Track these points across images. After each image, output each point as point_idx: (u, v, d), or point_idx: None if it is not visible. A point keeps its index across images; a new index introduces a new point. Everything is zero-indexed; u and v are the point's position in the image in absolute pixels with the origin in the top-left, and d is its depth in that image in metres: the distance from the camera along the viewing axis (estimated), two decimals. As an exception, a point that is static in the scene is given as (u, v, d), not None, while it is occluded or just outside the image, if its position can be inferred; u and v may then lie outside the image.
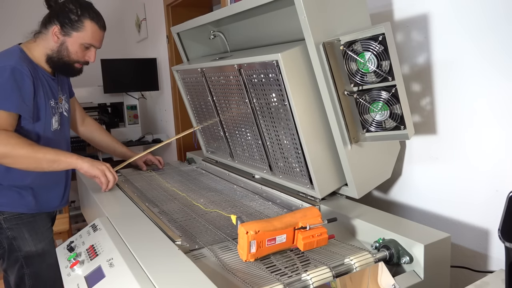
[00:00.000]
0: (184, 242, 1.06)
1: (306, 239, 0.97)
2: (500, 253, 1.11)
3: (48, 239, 1.56)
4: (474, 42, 1.10)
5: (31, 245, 1.51)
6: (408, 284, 0.93)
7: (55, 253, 1.36)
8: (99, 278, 0.94)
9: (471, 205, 1.17)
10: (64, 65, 1.49)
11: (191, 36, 1.81)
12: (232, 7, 1.35)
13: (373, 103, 1.11)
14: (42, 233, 1.53)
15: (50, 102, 1.48)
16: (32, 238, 1.51)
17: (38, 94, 1.42)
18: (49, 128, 1.48)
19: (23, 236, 1.49)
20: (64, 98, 1.60)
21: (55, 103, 1.51)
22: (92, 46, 1.49)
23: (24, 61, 1.40)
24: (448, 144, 1.21)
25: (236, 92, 1.44)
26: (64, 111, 1.59)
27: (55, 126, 1.51)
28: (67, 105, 1.62)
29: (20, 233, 1.49)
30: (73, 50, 1.46)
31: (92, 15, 1.45)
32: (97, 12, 1.49)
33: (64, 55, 1.46)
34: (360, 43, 1.06)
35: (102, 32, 1.50)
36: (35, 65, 1.45)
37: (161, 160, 1.96)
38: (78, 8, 1.44)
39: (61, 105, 1.57)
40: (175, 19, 3.02)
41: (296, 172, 1.33)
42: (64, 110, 1.59)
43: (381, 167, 1.30)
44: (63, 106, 1.58)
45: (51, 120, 1.48)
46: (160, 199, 1.49)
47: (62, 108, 1.57)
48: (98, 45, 1.51)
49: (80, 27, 1.44)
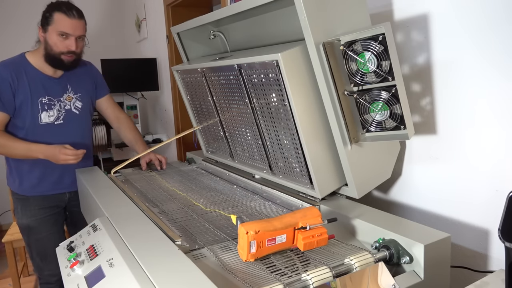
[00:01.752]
0: (184, 242, 1.06)
1: (306, 239, 0.97)
2: (500, 253, 1.11)
3: (36, 217, 1.83)
4: (474, 42, 1.10)
5: (21, 217, 1.84)
6: (408, 284, 0.93)
7: (45, 231, 1.83)
8: (99, 278, 0.94)
9: (471, 205, 1.17)
10: (54, 59, 1.70)
11: (191, 36, 1.81)
12: (232, 7, 1.35)
13: (373, 103, 1.11)
14: (31, 211, 1.83)
15: (40, 99, 1.73)
16: (22, 213, 1.84)
17: (18, 92, 1.68)
18: (37, 122, 1.73)
19: (17, 210, 1.86)
20: (76, 97, 1.83)
21: (48, 99, 1.75)
22: (66, 34, 1.65)
23: (12, 64, 1.70)
24: (448, 144, 1.21)
25: (236, 92, 1.44)
26: (74, 108, 1.83)
27: (49, 120, 1.76)
28: (79, 103, 1.85)
29: (17, 207, 1.86)
30: (52, 42, 1.67)
31: (61, 8, 1.65)
32: (69, 5, 1.67)
33: (49, 50, 1.68)
34: (360, 43, 1.06)
35: (72, 20, 1.65)
36: (30, 67, 1.72)
37: (162, 160, 1.94)
38: (50, 7, 1.67)
39: (68, 102, 1.81)
40: (175, 19, 3.02)
41: (296, 172, 1.33)
42: (73, 107, 1.82)
43: (381, 167, 1.30)
44: (72, 104, 1.82)
45: (38, 115, 1.73)
46: (160, 199, 1.49)
47: (70, 105, 1.82)
48: (71, 32, 1.66)
49: (51, 20, 1.65)
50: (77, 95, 1.84)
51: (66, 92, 1.80)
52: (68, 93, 1.80)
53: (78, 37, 1.68)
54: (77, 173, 1.81)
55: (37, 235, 1.83)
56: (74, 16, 1.65)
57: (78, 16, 1.67)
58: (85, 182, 1.64)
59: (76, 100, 1.83)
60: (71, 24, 1.65)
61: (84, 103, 1.86)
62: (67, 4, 1.67)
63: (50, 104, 1.75)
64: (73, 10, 1.65)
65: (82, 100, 1.85)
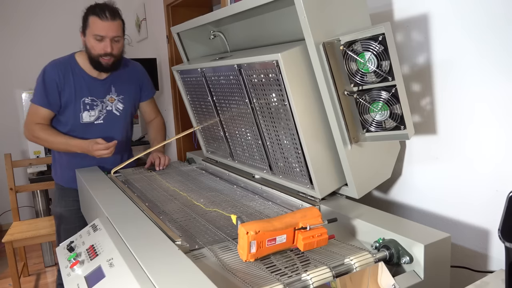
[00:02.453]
0: (184, 242, 1.06)
1: (306, 240, 0.97)
2: (500, 253, 1.11)
3: (69, 208, 1.93)
4: (474, 42, 1.10)
5: (56, 206, 1.98)
6: (408, 284, 0.93)
7: (74, 222, 1.90)
8: (99, 278, 0.94)
9: (471, 205, 1.17)
10: (94, 62, 1.76)
11: (191, 36, 1.81)
12: (232, 7, 1.35)
13: (373, 103, 1.11)
14: (65, 201, 1.94)
15: (83, 99, 1.82)
16: (58, 201, 1.97)
17: (65, 91, 1.78)
18: (78, 120, 1.83)
19: (55, 198, 2.01)
20: (119, 99, 1.91)
21: (91, 100, 1.83)
22: (101, 36, 1.69)
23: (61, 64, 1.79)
24: (448, 144, 1.21)
25: (236, 92, 1.44)
26: (115, 110, 1.91)
27: (89, 119, 1.85)
28: (121, 105, 1.92)
29: (55, 195, 2.01)
30: (90, 46, 1.73)
31: (94, 10, 1.68)
32: (103, 7, 1.68)
33: (89, 53, 1.75)
34: (360, 43, 1.06)
35: (105, 22, 1.67)
36: (77, 68, 1.81)
37: (162, 160, 1.92)
38: (86, 11, 1.71)
39: (110, 103, 1.89)
40: (175, 19, 3.01)
41: (296, 172, 1.33)
42: (114, 108, 1.91)
43: (381, 167, 1.30)
44: (114, 105, 1.90)
45: (80, 114, 1.82)
46: (160, 199, 1.49)
47: (112, 106, 1.90)
48: (104, 34, 1.69)
49: (87, 24, 1.70)
50: (120, 97, 1.91)
51: (109, 94, 1.88)
52: (111, 94, 1.88)
53: (113, 38, 1.71)
54: (77, 173, 1.81)
55: (66, 225, 1.93)
56: (107, 18, 1.67)
57: (111, 17, 1.68)
58: (85, 182, 1.64)
59: (118, 102, 1.91)
60: (104, 26, 1.68)
61: (125, 105, 1.93)
62: (101, 6, 1.69)
63: (92, 105, 1.84)
64: (106, 12, 1.67)
65: (124, 103, 1.93)
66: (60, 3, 3.87)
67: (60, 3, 3.87)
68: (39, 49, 3.82)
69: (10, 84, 3.76)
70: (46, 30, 3.84)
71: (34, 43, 3.81)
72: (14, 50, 3.76)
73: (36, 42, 3.81)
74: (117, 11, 1.72)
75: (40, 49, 3.83)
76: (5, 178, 3.60)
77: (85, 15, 1.71)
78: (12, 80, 3.77)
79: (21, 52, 3.78)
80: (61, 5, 3.87)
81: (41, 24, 3.82)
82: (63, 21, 3.88)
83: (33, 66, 3.81)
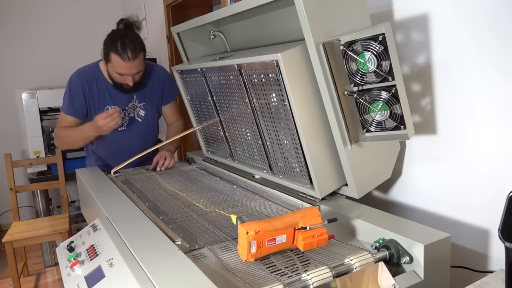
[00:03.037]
0: (184, 242, 1.06)
1: (306, 240, 0.97)
2: (500, 253, 1.11)
3: None
4: (474, 42, 1.10)
5: None
6: (408, 284, 0.93)
7: None
8: (99, 278, 0.95)
9: (471, 205, 1.17)
10: (116, 84, 1.81)
11: (191, 36, 1.81)
12: (232, 7, 1.35)
13: (373, 103, 1.11)
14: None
15: (106, 107, 1.87)
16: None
17: (89, 99, 1.84)
18: None
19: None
20: (140, 106, 1.95)
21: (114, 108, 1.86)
22: (123, 74, 1.73)
23: (86, 72, 1.85)
24: (448, 144, 1.21)
25: (236, 92, 1.44)
26: (137, 117, 1.96)
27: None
28: (142, 112, 1.97)
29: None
30: (112, 75, 1.79)
31: (117, 49, 1.67)
32: (125, 44, 1.67)
33: (111, 77, 1.81)
34: (360, 43, 1.06)
35: (127, 62, 1.69)
36: (101, 77, 1.86)
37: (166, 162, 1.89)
38: (108, 42, 1.70)
39: (132, 110, 1.94)
40: (175, 19, 3.01)
41: (296, 172, 1.33)
42: (137, 115, 1.96)
43: (381, 167, 1.30)
44: (136, 112, 1.95)
45: None
46: (160, 199, 1.49)
47: (134, 113, 1.95)
48: (127, 73, 1.73)
49: (109, 59, 1.72)
50: (141, 104, 1.95)
51: (131, 101, 1.92)
52: (133, 102, 1.93)
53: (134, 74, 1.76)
54: (77, 173, 1.81)
55: None
56: (129, 58, 1.68)
57: (133, 56, 1.69)
58: (85, 182, 1.64)
59: (140, 109, 1.96)
60: (126, 66, 1.71)
61: (147, 112, 1.98)
62: (123, 43, 1.67)
63: None
64: (128, 52, 1.67)
65: (146, 110, 1.97)
66: (60, 3, 3.87)
67: (60, 3, 3.87)
68: (40, 49, 3.82)
69: (10, 84, 3.76)
70: (46, 30, 3.84)
71: (34, 43, 3.81)
72: (14, 50, 3.75)
73: (36, 42, 3.81)
74: (138, 46, 1.71)
75: (41, 49, 3.83)
76: (5, 178, 3.61)
77: (107, 49, 1.70)
78: (12, 80, 3.77)
79: (21, 52, 3.78)
80: (61, 4, 3.87)
81: (41, 24, 3.82)
82: (63, 20, 3.88)
83: (33, 66, 3.81)
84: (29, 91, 3.07)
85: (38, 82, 3.80)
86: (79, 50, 3.91)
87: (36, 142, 3.07)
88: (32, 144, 3.06)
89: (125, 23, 1.78)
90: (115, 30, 1.74)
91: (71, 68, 4.23)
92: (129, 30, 1.74)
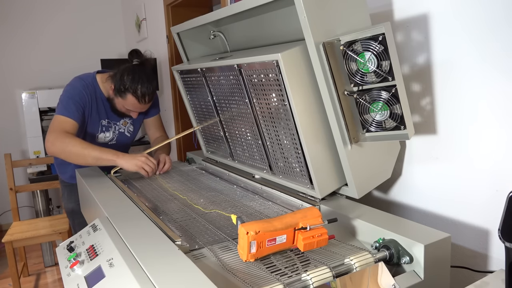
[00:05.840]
0: (184, 242, 1.06)
1: (306, 240, 0.97)
2: (500, 253, 1.11)
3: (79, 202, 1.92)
4: (474, 42, 1.10)
5: (67, 202, 2.02)
6: (408, 284, 0.93)
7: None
8: (99, 278, 0.94)
9: (471, 205, 1.17)
10: (115, 110, 1.84)
11: (191, 36, 1.81)
12: (232, 7, 1.35)
13: (373, 103, 1.11)
14: (75, 197, 1.98)
15: (101, 121, 1.88)
16: (68, 198, 2.02)
17: (88, 112, 1.82)
18: (94, 140, 1.89)
19: (64, 195, 2.05)
20: (131, 122, 1.98)
21: (107, 122, 1.90)
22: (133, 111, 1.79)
23: (88, 85, 1.81)
24: (448, 144, 1.21)
25: (236, 92, 1.44)
26: (127, 132, 1.99)
27: (104, 140, 1.93)
28: (132, 127, 2.00)
29: (64, 193, 2.05)
30: (118, 107, 1.81)
31: (136, 92, 1.69)
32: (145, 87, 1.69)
33: (113, 104, 1.82)
34: (360, 43, 1.06)
35: (142, 105, 1.74)
36: (98, 90, 1.84)
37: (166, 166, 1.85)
38: (126, 80, 1.70)
39: (123, 126, 1.97)
40: (175, 19, 3.01)
41: (296, 172, 1.33)
42: (126, 131, 1.99)
43: (381, 167, 1.30)
44: (126, 128, 1.98)
45: (96, 134, 1.89)
46: (160, 199, 1.49)
47: (124, 129, 1.98)
48: (137, 111, 1.80)
49: (123, 96, 1.73)
50: (131, 120, 1.98)
51: (123, 118, 1.94)
52: (124, 118, 1.94)
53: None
54: (77, 173, 1.81)
55: (80, 218, 1.97)
56: (145, 102, 1.72)
57: (149, 100, 1.73)
58: (85, 182, 1.64)
59: (130, 125, 1.99)
60: (139, 107, 1.76)
61: (135, 127, 2.02)
62: (143, 87, 1.69)
63: (108, 127, 1.92)
64: (146, 97, 1.71)
65: (135, 125, 2.01)
66: (60, 3, 3.87)
67: (60, 3, 3.87)
68: (40, 49, 3.82)
69: (10, 84, 3.76)
70: (46, 30, 3.84)
71: (34, 43, 3.81)
72: (14, 50, 3.76)
73: (36, 42, 3.81)
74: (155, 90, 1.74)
75: (41, 49, 3.83)
76: (5, 178, 3.61)
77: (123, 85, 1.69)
78: (12, 80, 3.77)
79: (21, 52, 3.78)
80: (60, 4, 3.87)
81: (41, 24, 3.82)
82: (63, 21, 3.88)
83: (33, 66, 3.81)
84: (29, 91, 3.07)
85: (38, 82, 3.81)
86: (79, 50, 3.91)
87: (36, 142, 3.07)
88: (32, 144, 3.06)
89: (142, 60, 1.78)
90: (135, 67, 1.73)
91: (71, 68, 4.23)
92: (148, 70, 1.75)
